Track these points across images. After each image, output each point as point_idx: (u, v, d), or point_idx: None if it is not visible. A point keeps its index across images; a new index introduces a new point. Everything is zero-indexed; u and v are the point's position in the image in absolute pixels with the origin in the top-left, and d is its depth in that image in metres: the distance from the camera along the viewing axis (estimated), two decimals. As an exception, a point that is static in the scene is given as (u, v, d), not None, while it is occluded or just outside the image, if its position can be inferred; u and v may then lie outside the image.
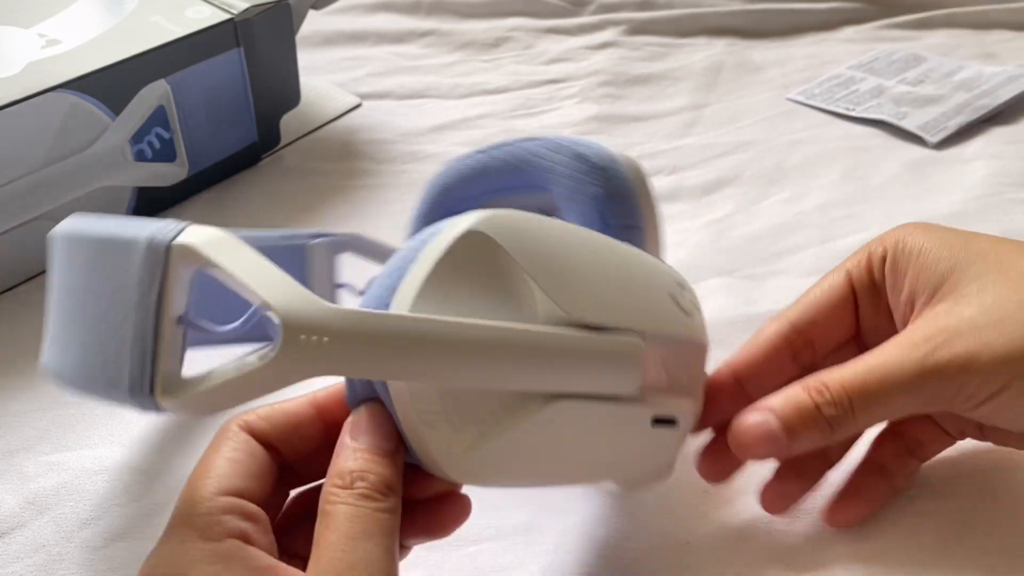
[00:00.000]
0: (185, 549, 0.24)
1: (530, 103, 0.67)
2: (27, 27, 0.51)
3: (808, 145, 0.60)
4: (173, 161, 0.53)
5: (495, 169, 0.36)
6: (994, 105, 0.62)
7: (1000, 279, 0.29)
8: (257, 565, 0.24)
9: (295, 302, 0.23)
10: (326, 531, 0.24)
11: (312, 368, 0.23)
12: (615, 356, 0.28)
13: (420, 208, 0.38)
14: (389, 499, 0.25)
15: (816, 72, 0.70)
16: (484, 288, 0.26)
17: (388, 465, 0.25)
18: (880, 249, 0.32)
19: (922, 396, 0.29)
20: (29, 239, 0.48)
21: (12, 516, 0.36)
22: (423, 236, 0.27)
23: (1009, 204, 0.52)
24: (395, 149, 0.61)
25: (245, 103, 0.56)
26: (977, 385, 0.28)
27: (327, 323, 0.23)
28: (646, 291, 0.30)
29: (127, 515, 0.36)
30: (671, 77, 0.70)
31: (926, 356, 0.28)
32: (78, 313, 0.25)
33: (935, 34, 0.76)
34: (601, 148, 0.34)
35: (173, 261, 0.23)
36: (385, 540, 0.24)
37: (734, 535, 0.34)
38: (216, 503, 0.25)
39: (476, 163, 0.37)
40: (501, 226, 0.26)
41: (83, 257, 0.25)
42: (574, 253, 0.28)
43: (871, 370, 0.29)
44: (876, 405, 0.29)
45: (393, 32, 0.77)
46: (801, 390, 0.29)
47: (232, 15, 0.53)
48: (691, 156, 0.59)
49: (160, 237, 0.23)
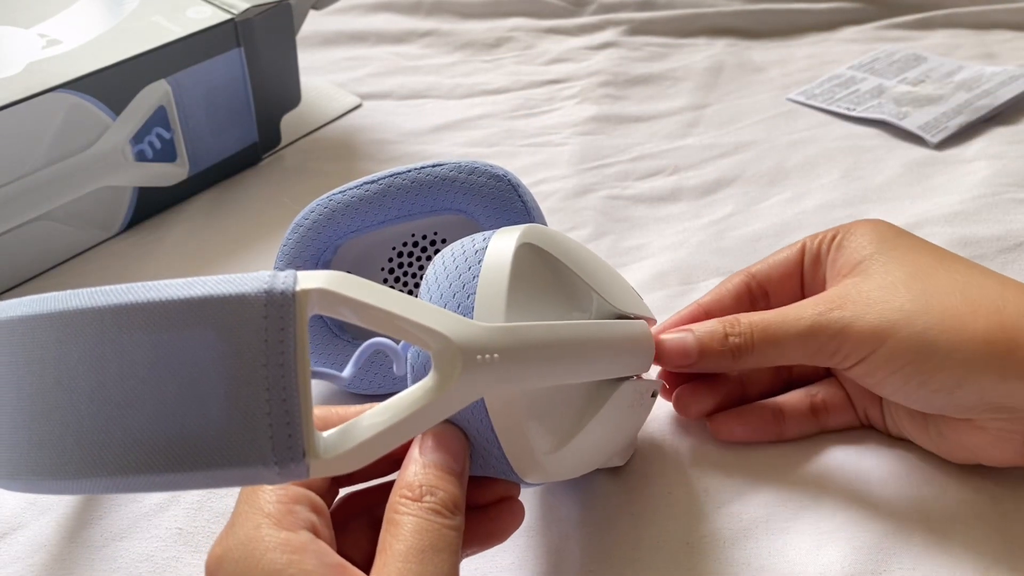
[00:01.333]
0: (260, 535, 0.24)
1: (530, 103, 0.67)
2: (27, 27, 0.51)
3: (809, 145, 0.60)
4: (173, 161, 0.53)
5: (395, 194, 0.38)
6: (995, 105, 0.62)
7: (903, 267, 0.34)
8: (329, 561, 0.24)
9: (459, 326, 0.23)
10: (394, 540, 0.24)
11: (488, 386, 0.24)
12: (646, 338, 0.33)
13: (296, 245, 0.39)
14: (456, 517, 0.25)
15: (816, 72, 0.70)
16: (548, 291, 0.29)
17: (456, 484, 0.26)
18: (837, 232, 0.37)
19: (809, 347, 0.33)
20: (29, 239, 0.48)
21: (13, 516, 0.36)
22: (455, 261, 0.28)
23: (1009, 204, 0.52)
24: (395, 149, 0.61)
25: (245, 103, 0.56)
26: (851, 347, 0.33)
27: (496, 340, 0.24)
28: (627, 285, 0.34)
29: (127, 515, 0.36)
30: (671, 77, 0.70)
31: (820, 315, 0.33)
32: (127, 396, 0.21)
33: (935, 34, 0.76)
34: (504, 169, 0.39)
35: (302, 309, 0.21)
36: (451, 557, 0.24)
37: (734, 535, 0.34)
38: (288, 492, 0.25)
39: (368, 191, 0.39)
40: (541, 237, 0.29)
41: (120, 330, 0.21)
42: (588, 256, 0.31)
43: (776, 315, 0.34)
44: (772, 344, 0.34)
45: (393, 32, 0.77)
46: (717, 322, 0.35)
47: (232, 15, 0.53)
48: (691, 156, 0.59)
49: (281, 287, 0.21)
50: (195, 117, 0.53)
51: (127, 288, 0.21)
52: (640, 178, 0.57)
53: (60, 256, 0.50)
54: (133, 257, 0.51)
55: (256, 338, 0.20)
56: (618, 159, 0.59)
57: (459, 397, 0.23)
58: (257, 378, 0.20)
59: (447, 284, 0.27)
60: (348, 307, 0.22)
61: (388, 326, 0.22)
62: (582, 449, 0.29)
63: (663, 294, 0.47)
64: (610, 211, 0.54)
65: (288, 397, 0.20)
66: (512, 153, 0.60)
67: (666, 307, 0.46)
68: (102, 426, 0.21)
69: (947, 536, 0.33)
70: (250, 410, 0.20)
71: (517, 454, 0.26)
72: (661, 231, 0.52)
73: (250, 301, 0.20)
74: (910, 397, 0.33)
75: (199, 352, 0.20)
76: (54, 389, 0.21)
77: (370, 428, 0.22)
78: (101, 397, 0.21)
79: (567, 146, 0.61)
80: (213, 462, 0.20)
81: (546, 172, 0.58)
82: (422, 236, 0.40)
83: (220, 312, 0.20)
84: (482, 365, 0.23)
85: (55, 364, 0.21)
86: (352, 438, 0.22)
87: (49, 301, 0.22)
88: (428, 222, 0.40)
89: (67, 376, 0.21)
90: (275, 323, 0.20)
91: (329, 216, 0.39)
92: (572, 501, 0.35)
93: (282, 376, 0.20)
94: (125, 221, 0.53)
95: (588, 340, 0.27)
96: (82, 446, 0.21)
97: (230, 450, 0.20)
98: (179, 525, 0.35)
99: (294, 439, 0.20)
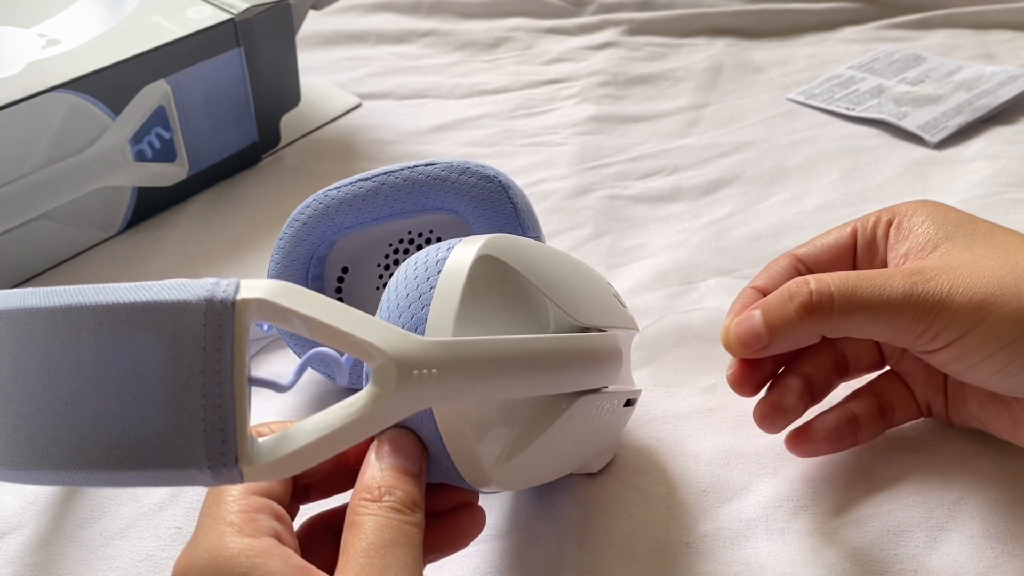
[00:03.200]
0: (225, 543, 0.24)
1: (530, 103, 0.67)
2: (27, 27, 0.51)
3: (808, 145, 0.60)
4: (173, 161, 0.53)
5: (388, 192, 0.38)
6: (994, 105, 0.62)
7: (986, 247, 0.32)
8: (294, 563, 0.24)
9: (396, 340, 0.24)
10: (355, 539, 0.24)
11: (424, 400, 0.24)
12: (612, 351, 0.32)
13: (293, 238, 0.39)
14: (415, 514, 0.25)
15: (816, 72, 0.70)
16: (503, 305, 0.28)
17: (413, 484, 0.26)
18: (888, 215, 0.35)
19: (898, 320, 0.30)
20: (29, 239, 0.48)
21: (13, 516, 0.36)
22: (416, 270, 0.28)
23: (1009, 204, 0.52)
24: (395, 149, 0.61)
25: (245, 103, 0.56)
26: (947, 322, 0.30)
27: (433, 355, 0.24)
28: (602, 293, 0.33)
29: (126, 515, 0.36)
30: (671, 77, 0.70)
31: (914, 284, 0.30)
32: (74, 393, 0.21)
33: (935, 34, 0.76)
34: (497, 170, 0.39)
35: (241, 318, 0.21)
36: (413, 551, 0.24)
37: (733, 535, 0.34)
38: (250, 501, 0.25)
39: (361, 189, 0.39)
40: (503, 248, 0.28)
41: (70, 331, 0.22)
42: (557, 267, 0.30)
43: (863, 277, 0.31)
44: (856, 308, 0.30)
45: (393, 32, 0.77)
46: (782, 289, 0.32)
47: (232, 15, 0.53)
48: (691, 156, 0.59)
49: (221, 295, 0.21)
50: (195, 117, 0.53)
51: (79, 289, 0.22)
52: (640, 178, 0.57)
53: (60, 256, 0.50)
54: (133, 257, 0.51)
55: (195, 345, 0.21)
56: (618, 159, 0.59)
57: (395, 410, 0.24)
58: (194, 384, 0.21)
59: (405, 294, 0.27)
60: (288, 318, 0.22)
61: (329, 338, 0.23)
62: (537, 460, 0.29)
63: (663, 294, 0.47)
64: (610, 211, 0.54)
65: (223, 404, 0.21)
66: (512, 153, 0.60)
67: (666, 307, 0.46)
68: (50, 422, 0.22)
69: (947, 536, 0.33)
70: (186, 415, 0.21)
71: (465, 464, 0.27)
72: (661, 231, 0.52)
73: (190, 308, 0.21)
74: (1007, 382, 0.30)
75: (141, 355, 0.21)
76: (10, 383, 0.22)
77: (305, 436, 0.22)
78: (51, 394, 0.22)
79: (567, 146, 0.61)
80: (150, 463, 0.21)
81: (546, 172, 0.58)
82: (418, 234, 0.40)
83: (162, 318, 0.21)
84: (419, 380, 0.23)
85: (11, 360, 0.22)
86: (287, 445, 0.22)
87: (7, 298, 0.22)
88: (423, 220, 0.40)
89: (22, 372, 0.22)
90: (213, 331, 0.21)
91: (324, 211, 0.39)
92: (571, 501, 0.35)
93: (218, 383, 0.21)
94: (125, 221, 0.53)
95: (537, 354, 0.27)
96: (32, 440, 0.22)
97: (166, 452, 0.21)
98: (178, 525, 0.35)
99: (227, 445, 0.21)
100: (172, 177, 0.54)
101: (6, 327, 0.22)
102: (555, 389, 0.29)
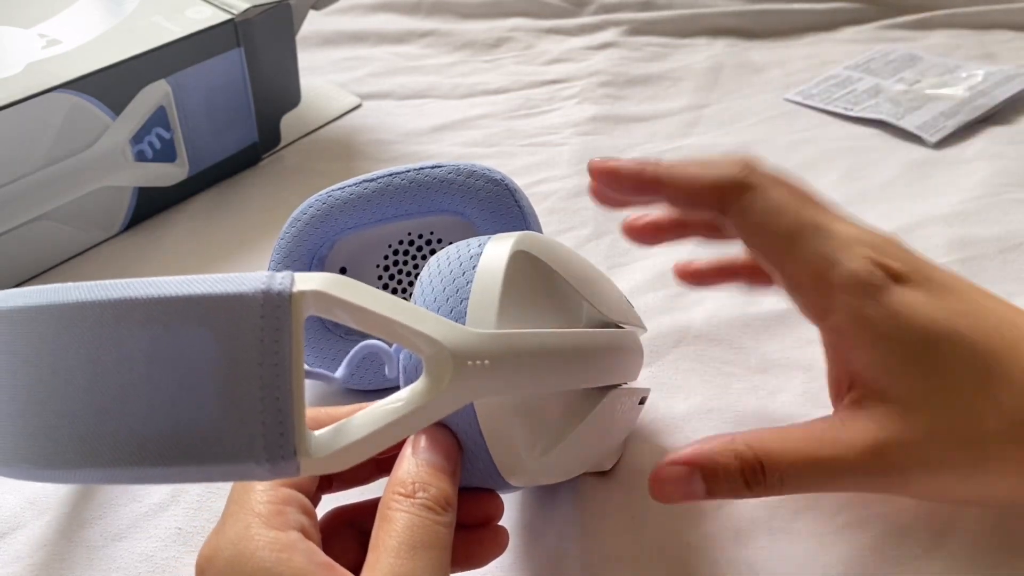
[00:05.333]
0: (251, 535, 0.24)
1: (530, 103, 0.67)
2: (27, 27, 0.51)
3: (808, 145, 0.60)
4: (173, 161, 0.53)
5: (392, 193, 0.38)
6: (992, 105, 0.62)
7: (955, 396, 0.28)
8: (318, 560, 0.24)
9: (451, 331, 0.24)
10: (386, 537, 0.24)
11: (478, 392, 0.24)
12: (634, 347, 0.33)
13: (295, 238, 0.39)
14: (448, 513, 0.25)
15: (816, 72, 0.70)
16: (539, 299, 0.29)
17: (448, 482, 0.26)
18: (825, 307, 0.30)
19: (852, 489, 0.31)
20: (29, 239, 0.48)
21: (13, 516, 0.36)
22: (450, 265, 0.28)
23: (1009, 204, 0.52)
24: (395, 149, 0.61)
25: (245, 103, 0.56)
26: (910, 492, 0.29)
27: (486, 347, 0.24)
28: (619, 294, 0.34)
29: (127, 515, 0.36)
30: (671, 77, 0.70)
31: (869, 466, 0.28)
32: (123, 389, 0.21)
33: (935, 34, 0.76)
34: (501, 173, 0.39)
35: (298, 311, 0.21)
36: (442, 554, 0.24)
37: (734, 535, 0.34)
38: (278, 493, 0.25)
39: (366, 189, 0.39)
40: (535, 245, 0.29)
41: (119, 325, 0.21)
42: (582, 265, 0.31)
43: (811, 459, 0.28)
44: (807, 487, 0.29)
45: (393, 32, 0.77)
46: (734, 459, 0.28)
47: (232, 15, 0.53)
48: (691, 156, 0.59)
49: (278, 288, 0.21)
50: (195, 117, 0.53)
51: (126, 283, 0.21)
52: (640, 178, 0.57)
53: (60, 256, 0.50)
54: (133, 257, 0.51)
55: (252, 337, 0.21)
56: (618, 159, 0.59)
57: (450, 401, 0.24)
58: (252, 377, 0.21)
59: (441, 288, 0.28)
60: (343, 310, 0.22)
61: (382, 329, 0.23)
62: (568, 454, 0.29)
63: (663, 294, 0.47)
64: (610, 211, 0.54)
65: (281, 396, 0.21)
66: (512, 153, 0.60)
67: (666, 307, 0.46)
68: (97, 418, 0.21)
69: (948, 538, 0.33)
70: (244, 408, 0.21)
71: (503, 456, 0.27)
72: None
73: (247, 301, 0.21)
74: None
75: (195, 349, 0.21)
76: (51, 380, 0.21)
77: (361, 428, 0.22)
78: (97, 389, 0.21)
79: (567, 146, 0.61)
80: (206, 458, 0.21)
81: (546, 172, 0.58)
82: (418, 236, 0.40)
83: (217, 310, 0.21)
84: (472, 370, 0.24)
85: (52, 355, 0.21)
86: (343, 438, 0.22)
87: (49, 293, 0.22)
88: (425, 222, 0.40)
89: (64, 368, 0.21)
90: (271, 323, 0.21)
91: (327, 212, 0.39)
92: (573, 502, 0.35)
93: (276, 376, 0.21)
94: (125, 221, 0.53)
95: (577, 348, 0.28)
96: (76, 437, 0.21)
97: (223, 446, 0.21)
98: (179, 525, 0.35)
99: (286, 438, 0.21)
100: (172, 177, 0.54)
101: (47, 323, 0.21)
102: (590, 383, 0.29)
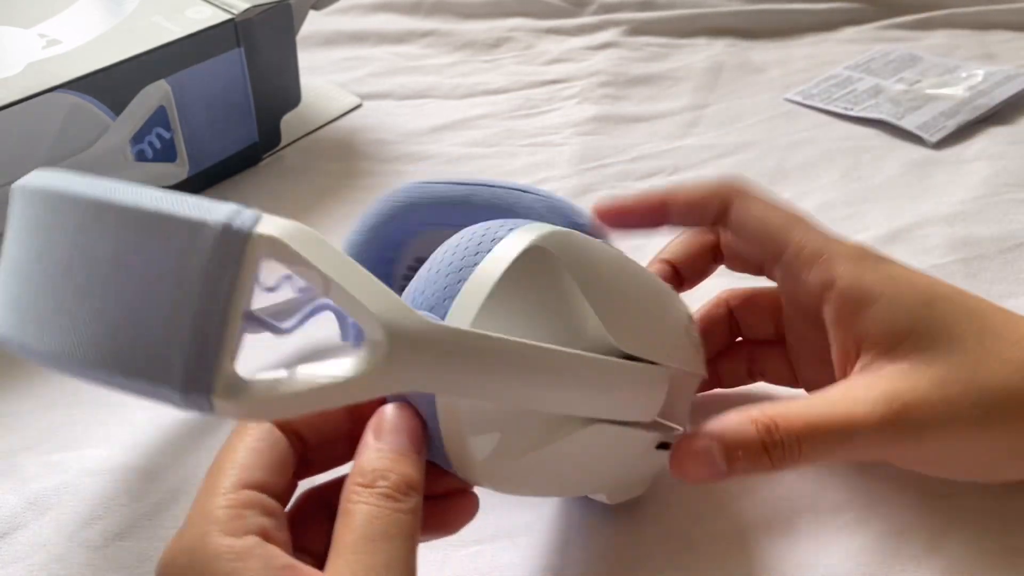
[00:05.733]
0: (205, 544, 0.24)
1: (530, 103, 0.67)
2: (27, 27, 0.51)
3: (808, 145, 0.60)
4: (173, 161, 0.53)
5: (475, 205, 0.37)
6: (992, 105, 0.62)
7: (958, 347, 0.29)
8: (277, 564, 0.24)
9: (398, 314, 0.22)
10: (345, 531, 0.24)
11: (413, 383, 0.23)
12: (647, 387, 0.29)
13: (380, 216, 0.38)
14: (411, 499, 0.25)
15: (816, 72, 0.70)
16: (540, 304, 0.27)
17: (411, 464, 0.25)
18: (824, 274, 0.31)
19: (868, 452, 0.29)
20: (30, 239, 0.48)
21: (13, 516, 0.36)
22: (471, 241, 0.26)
23: (1009, 204, 0.52)
24: (395, 149, 0.61)
25: (246, 103, 0.56)
26: (922, 452, 0.30)
27: (430, 338, 0.22)
28: (669, 325, 0.31)
29: (128, 515, 0.36)
30: (671, 77, 0.70)
31: (883, 420, 0.28)
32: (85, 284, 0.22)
33: (935, 34, 0.76)
34: (587, 212, 0.36)
35: (252, 253, 0.21)
36: (405, 542, 0.24)
37: (734, 535, 0.34)
38: (238, 497, 0.25)
39: (454, 192, 0.37)
40: (561, 244, 0.27)
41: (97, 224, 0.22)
42: (620, 279, 0.29)
43: (825, 419, 0.28)
44: (825, 452, 0.29)
45: (393, 32, 0.77)
46: (750, 424, 0.28)
47: (232, 15, 0.53)
48: (691, 156, 0.60)
49: (238, 224, 0.21)
50: (195, 117, 0.53)
51: (115, 187, 0.22)
52: (640, 178, 0.57)
53: (60, 256, 0.50)
54: (133, 257, 0.51)
55: (199, 266, 0.21)
56: (618, 159, 0.59)
57: (383, 383, 0.22)
58: (189, 304, 0.21)
59: (449, 260, 0.26)
60: (295, 263, 0.22)
61: (331, 291, 0.22)
62: (533, 471, 0.27)
63: (663, 294, 0.47)
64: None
65: (211, 331, 0.20)
66: (512, 153, 0.60)
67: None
68: (57, 307, 0.22)
69: (948, 538, 0.33)
70: (174, 332, 0.21)
71: (456, 454, 0.26)
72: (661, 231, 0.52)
73: (206, 230, 0.21)
74: None
75: (154, 264, 0.21)
76: (35, 262, 0.22)
77: (284, 387, 0.22)
78: (65, 281, 0.22)
79: (567, 146, 0.61)
80: (130, 371, 0.21)
81: (546, 172, 0.58)
82: None
83: (180, 232, 0.21)
84: (410, 362, 0.22)
85: (42, 238, 0.22)
86: (262, 392, 0.21)
87: (54, 179, 0.23)
88: None
89: (47, 252, 0.22)
90: (219, 256, 0.21)
91: (414, 202, 0.38)
92: (572, 501, 0.35)
93: (211, 309, 0.20)
94: (125, 221, 0.53)
95: (552, 369, 0.25)
96: (39, 320, 0.22)
97: (148, 364, 0.21)
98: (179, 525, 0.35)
99: (205, 372, 0.20)
100: (172, 177, 0.54)
101: (46, 206, 0.23)
102: (566, 410, 0.27)
